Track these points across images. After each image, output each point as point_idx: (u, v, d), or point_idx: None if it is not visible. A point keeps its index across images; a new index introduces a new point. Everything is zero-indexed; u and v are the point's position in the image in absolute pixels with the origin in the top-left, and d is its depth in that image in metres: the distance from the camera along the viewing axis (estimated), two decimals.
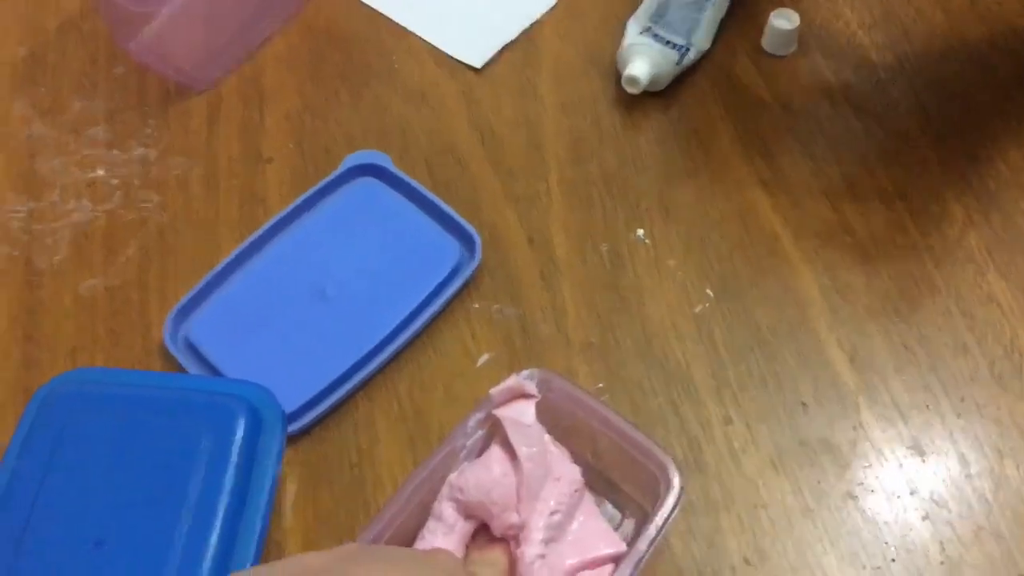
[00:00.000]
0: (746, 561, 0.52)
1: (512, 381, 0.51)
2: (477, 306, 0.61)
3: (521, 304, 0.61)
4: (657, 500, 0.48)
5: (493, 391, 0.51)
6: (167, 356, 0.59)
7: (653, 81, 0.68)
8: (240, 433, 0.50)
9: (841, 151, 0.66)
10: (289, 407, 0.56)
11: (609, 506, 0.53)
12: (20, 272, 0.64)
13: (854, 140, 0.67)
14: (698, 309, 0.61)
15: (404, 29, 0.74)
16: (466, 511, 0.49)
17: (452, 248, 0.62)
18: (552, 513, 0.48)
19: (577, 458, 0.51)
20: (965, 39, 0.71)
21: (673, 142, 0.68)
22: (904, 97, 0.68)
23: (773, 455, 0.56)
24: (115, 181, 0.68)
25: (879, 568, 0.52)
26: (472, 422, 0.51)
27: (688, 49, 0.68)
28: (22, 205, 0.67)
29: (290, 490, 0.55)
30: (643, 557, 0.47)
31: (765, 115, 0.68)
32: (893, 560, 0.52)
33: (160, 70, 0.72)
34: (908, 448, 0.56)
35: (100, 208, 0.66)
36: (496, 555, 0.48)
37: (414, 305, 0.60)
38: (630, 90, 0.68)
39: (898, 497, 0.54)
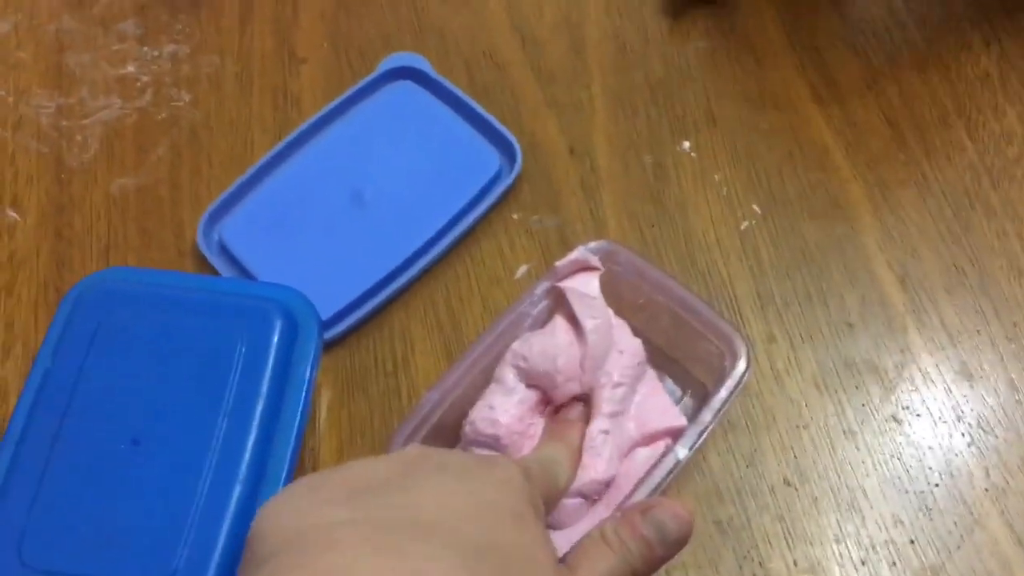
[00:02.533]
0: (786, 482, 0.52)
1: (577, 253, 0.50)
2: (516, 216, 0.60)
3: (561, 215, 0.60)
4: (720, 377, 0.48)
5: (558, 263, 0.50)
6: (200, 258, 0.58)
7: None
8: (276, 337, 0.49)
9: (899, 63, 0.63)
10: (324, 314, 0.55)
11: (670, 382, 0.53)
12: (50, 169, 0.63)
13: (913, 52, 0.64)
14: (744, 225, 0.59)
15: None
16: (528, 378, 0.49)
17: (491, 156, 0.60)
18: (616, 386, 0.48)
19: (639, 333, 0.50)
20: None
21: (722, 51, 0.65)
22: (967, 9, 0.65)
23: (817, 375, 0.54)
24: (146, 78, 0.66)
25: (922, 493, 0.51)
26: (539, 290, 0.50)
27: None
28: (51, 101, 0.65)
29: (325, 397, 0.55)
30: (707, 428, 0.46)
31: (821, 23, 0.65)
32: (936, 485, 0.51)
33: None
34: (956, 372, 0.54)
35: (131, 105, 0.65)
36: (573, 434, 0.47)
37: (452, 214, 0.58)
38: None
39: (944, 422, 0.53)
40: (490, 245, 0.59)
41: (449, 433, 0.49)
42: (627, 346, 0.49)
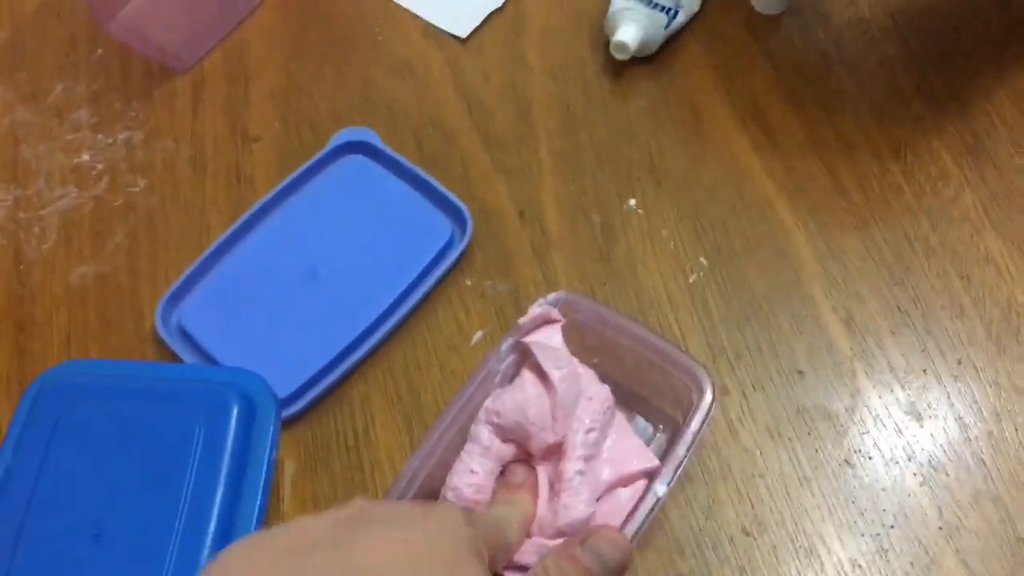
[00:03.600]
0: (744, 531, 0.52)
1: (537, 310, 0.52)
2: (469, 282, 0.61)
3: (514, 279, 0.61)
4: (688, 410, 0.49)
5: (521, 320, 0.52)
6: (160, 342, 0.59)
7: (642, 46, 0.66)
8: (234, 421, 0.50)
9: (834, 111, 0.65)
10: (284, 391, 0.56)
11: (641, 420, 0.54)
12: (9, 261, 0.64)
13: (848, 100, 0.66)
14: (692, 279, 0.60)
15: (388, 0, 0.73)
16: (503, 434, 0.50)
17: (443, 225, 0.62)
18: (588, 431, 0.49)
19: (606, 376, 0.52)
20: None
21: (664, 108, 0.67)
22: (898, 54, 0.67)
23: (770, 424, 0.55)
24: (101, 166, 0.67)
25: (877, 535, 0.52)
26: (504, 347, 0.52)
27: (676, 11, 0.67)
28: (8, 193, 0.66)
29: (288, 473, 0.55)
30: (682, 463, 0.48)
31: (757, 77, 0.67)
32: (892, 527, 0.52)
33: (142, 50, 0.71)
34: (905, 413, 0.55)
35: (87, 193, 0.66)
36: (521, 497, 0.48)
37: (406, 284, 0.59)
38: (618, 56, 0.67)
39: (896, 463, 0.54)
40: (445, 313, 0.60)
41: (432, 499, 0.50)
42: (595, 392, 0.51)
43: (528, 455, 0.51)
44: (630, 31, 0.66)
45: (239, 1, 0.73)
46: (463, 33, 0.71)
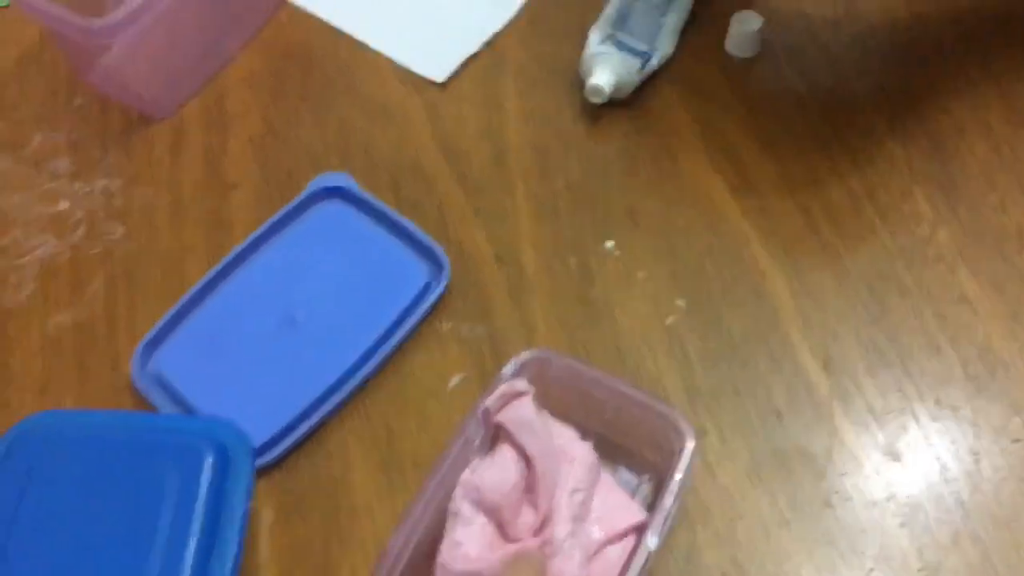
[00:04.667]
0: (723, 575, 0.52)
1: (503, 387, 0.51)
2: (447, 326, 0.61)
3: (491, 322, 0.61)
4: (671, 456, 0.50)
5: (488, 402, 0.51)
6: (137, 391, 0.59)
7: (617, 89, 0.67)
8: (207, 472, 0.49)
9: (808, 152, 0.66)
10: (261, 438, 0.55)
11: (625, 471, 0.54)
12: None
13: (821, 140, 0.66)
14: (669, 320, 0.60)
15: (365, 45, 0.74)
16: (483, 508, 0.49)
17: (420, 269, 0.62)
18: (574, 492, 0.49)
19: (586, 431, 0.52)
20: (931, 33, 0.71)
21: (639, 151, 0.67)
22: (870, 94, 0.68)
23: (749, 466, 0.55)
24: (79, 214, 0.67)
25: None
26: (479, 413, 0.51)
27: (651, 56, 0.68)
28: None
29: (265, 521, 0.55)
30: (670, 512, 0.48)
31: (731, 119, 0.68)
32: (872, 570, 0.52)
33: (121, 99, 0.71)
34: (884, 454, 0.55)
35: (64, 242, 0.66)
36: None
37: (383, 329, 0.59)
38: (594, 100, 0.67)
39: (875, 504, 0.54)
40: (422, 358, 0.60)
41: (420, 572, 0.49)
42: (577, 453, 0.51)
43: (503, 530, 0.50)
44: (604, 75, 0.66)
45: (217, 50, 0.73)
46: (440, 77, 0.71)
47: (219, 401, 0.57)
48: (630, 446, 0.54)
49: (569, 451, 0.51)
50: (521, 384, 0.51)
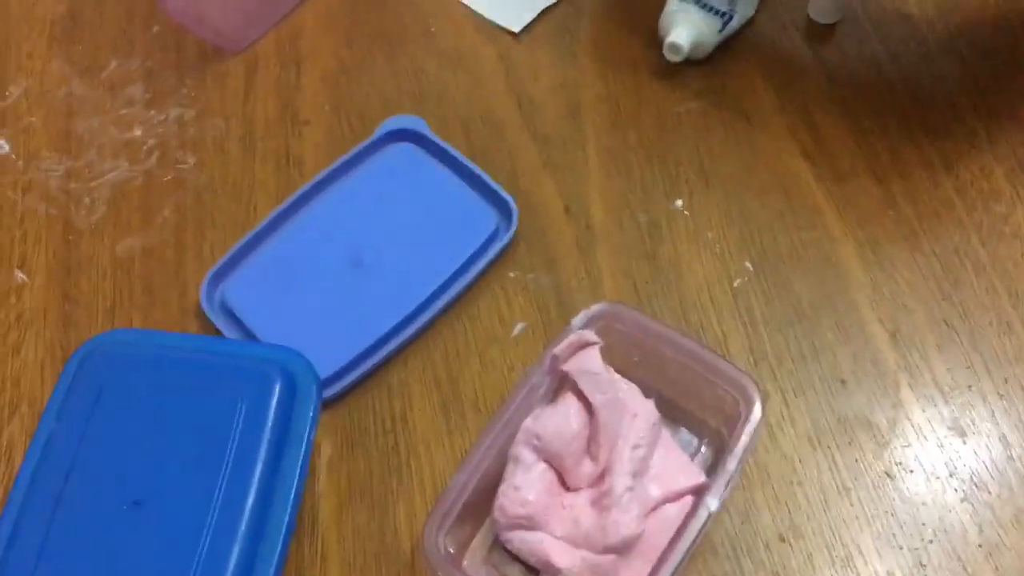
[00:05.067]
0: (780, 538, 0.52)
1: (572, 337, 0.51)
2: (513, 274, 0.61)
3: (557, 273, 0.61)
4: (734, 423, 0.49)
5: (556, 350, 0.50)
6: (203, 318, 0.59)
7: (695, 48, 0.66)
8: (275, 398, 0.50)
9: (887, 123, 0.65)
10: (324, 372, 0.56)
11: (686, 433, 0.54)
12: (58, 230, 0.64)
13: (901, 112, 0.65)
14: (737, 283, 0.60)
15: None
16: (544, 455, 0.50)
17: (488, 216, 0.62)
18: (635, 447, 0.49)
19: (649, 390, 0.52)
20: (1019, 10, 0.69)
21: (715, 112, 0.66)
22: (954, 68, 0.67)
23: (810, 431, 0.55)
24: (152, 141, 0.67)
25: (916, 549, 0.51)
26: (546, 361, 0.51)
27: (731, 16, 0.67)
28: (59, 163, 0.67)
29: (325, 454, 0.56)
30: (732, 476, 0.47)
31: (810, 85, 0.67)
32: (931, 542, 0.51)
33: (197, 31, 0.71)
34: (948, 428, 0.55)
35: (137, 168, 0.66)
36: None
37: (449, 273, 0.59)
38: (671, 58, 0.66)
39: (937, 478, 0.53)
40: (487, 303, 0.60)
41: (476, 512, 0.50)
42: (640, 409, 0.51)
43: (561, 478, 0.51)
44: (684, 33, 0.66)
45: None
46: (516, 27, 0.71)
47: (284, 334, 0.57)
48: (692, 408, 0.54)
49: (632, 406, 0.51)
50: (590, 335, 0.51)
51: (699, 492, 0.49)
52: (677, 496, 0.50)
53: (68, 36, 0.73)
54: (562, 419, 0.50)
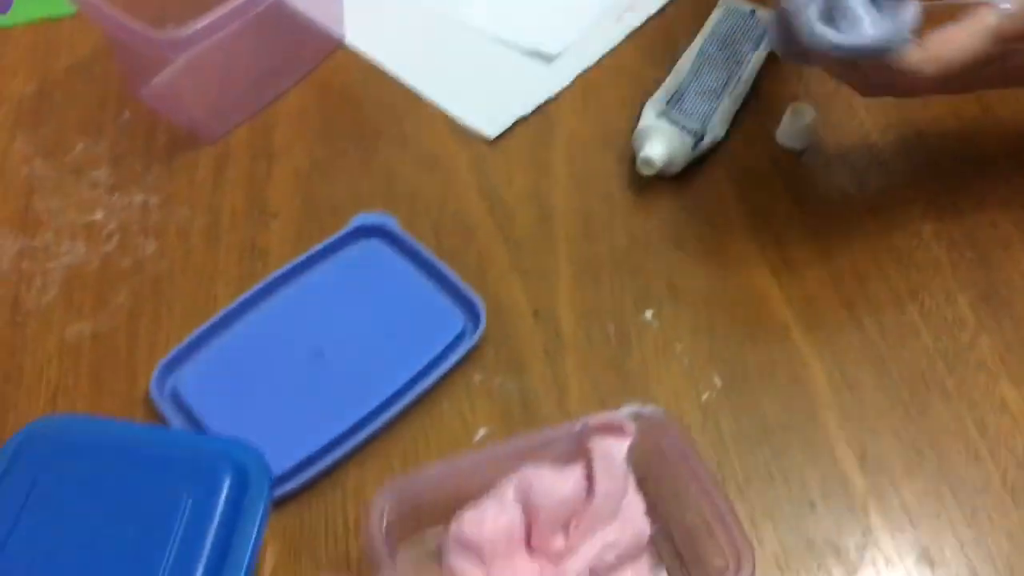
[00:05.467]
0: None
1: (611, 416, 0.49)
2: (478, 377, 0.59)
3: (523, 378, 0.59)
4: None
5: (591, 419, 0.49)
6: (151, 408, 0.57)
7: (668, 164, 0.67)
8: (224, 494, 0.47)
9: (854, 247, 0.66)
10: (276, 470, 0.53)
11: (664, 572, 0.51)
12: (6, 310, 0.62)
13: (867, 238, 0.66)
14: (705, 397, 0.59)
15: (419, 95, 0.74)
16: (525, 504, 0.48)
17: (455, 316, 0.61)
18: (608, 547, 0.47)
19: (656, 517, 0.50)
20: (978, 144, 0.71)
21: (685, 226, 0.67)
22: (918, 197, 0.68)
23: (779, 554, 0.53)
24: (113, 225, 0.66)
25: None
26: (577, 428, 0.50)
27: (703, 136, 0.68)
28: (15, 242, 0.65)
29: (270, 558, 0.52)
30: None
31: (778, 206, 0.68)
32: None
33: (171, 117, 0.71)
34: (917, 557, 0.53)
35: (95, 251, 0.65)
36: None
37: (413, 373, 0.58)
38: (644, 171, 0.67)
39: None
40: (451, 406, 0.58)
41: (430, 512, 0.49)
42: (634, 522, 0.49)
43: (528, 538, 0.49)
44: (658, 148, 0.66)
45: (270, 82, 0.73)
46: (492, 133, 0.71)
47: (237, 427, 0.54)
48: (687, 560, 0.51)
49: (629, 514, 0.49)
50: (629, 427, 0.50)
51: None
52: None
53: (34, 117, 0.72)
54: (560, 481, 0.48)
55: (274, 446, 0.53)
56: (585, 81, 0.75)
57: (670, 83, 0.71)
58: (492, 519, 0.48)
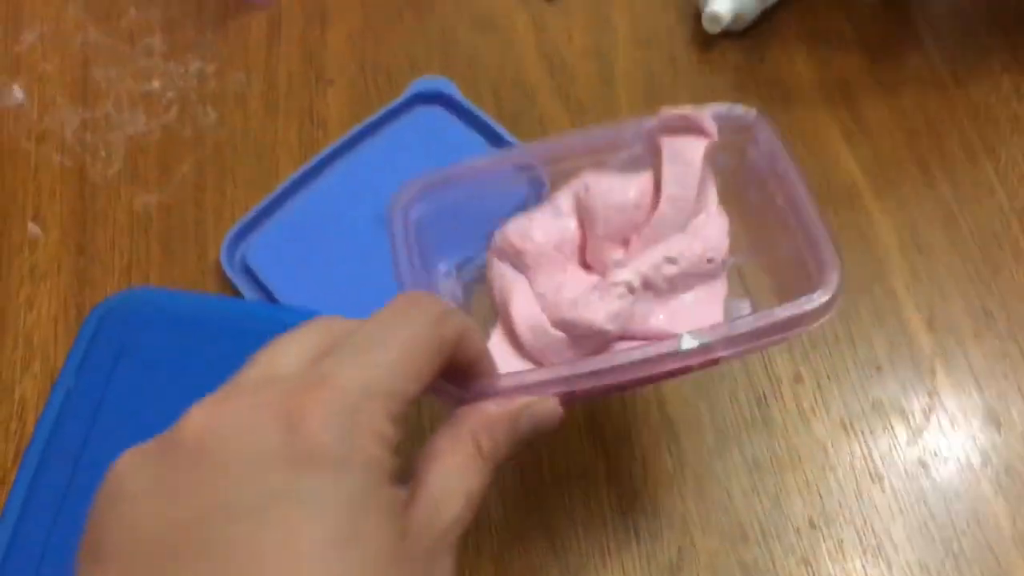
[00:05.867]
0: (811, 524, 0.51)
1: (689, 111, 0.41)
2: None
3: None
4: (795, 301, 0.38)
5: (663, 111, 0.41)
6: (222, 277, 0.58)
7: (735, 19, 0.64)
8: None
9: (928, 103, 0.63)
10: None
11: (746, 306, 0.42)
12: (75, 182, 0.62)
13: (943, 92, 0.64)
14: None
15: None
16: (581, 214, 0.42)
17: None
18: (669, 261, 0.40)
19: (736, 238, 0.42)
20: None
21: (751, 85, 0.65)
22: (1000, 51, 0.65)
23: (844, 416, 0.54)
24: (171, 94, 0.65)
25: (948, 540, 0.50)
26: (645, 127, 0.42)
27: None
28: (76, 114, 0.65)
29: None
30: (747, 333, 0.37)
31: (852, 62, 0.65)
32: (963, 533, 0.51)
33: None
34: (983, 418, 0.54)
35: (155, 121, 0.64)
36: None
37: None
38: (710, 28, 0.65)
39: (971, 468, 0.52)
40: None
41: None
42: (709, 236, 0.41)
43: (582, 248, 0.43)
44: (724, 3, 0.64)
45: None
46: None
47: (306, 296, 0.56)
48: (771, 287, 0.43)
49: (700, 227, 0.41)
50: (710, 125, 0.41)
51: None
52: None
53: None
54: (622, 187, 0.41)
55: (344, 313, 0.54)
56: None
57: None
58: (541, 228, 0.42)
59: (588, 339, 0.40)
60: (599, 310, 0.39)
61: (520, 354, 0.42)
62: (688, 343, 0.37)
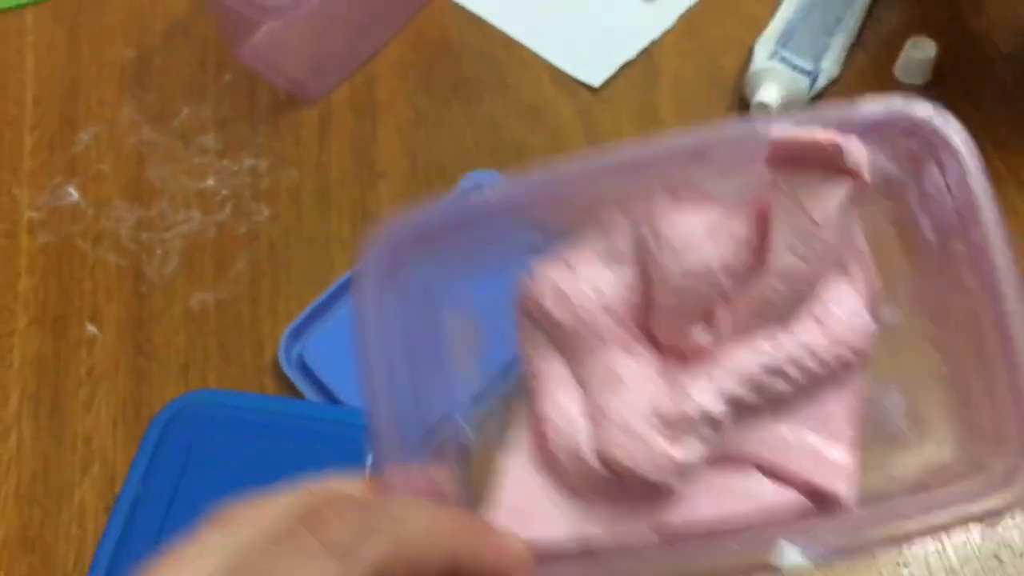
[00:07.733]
0: None
1: (819, 132, 0.27)
2: None
3: None
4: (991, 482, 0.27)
5: (776, 127, 0.28)
6: (280, 376, 0.58)
7: (783, 108, 0.65)
8: (369, 468, 0.48)
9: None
10: None
11: (898, 398, 0.30)
12: (130, 281, 0.63)
13: (996, 179, 0.63)
14: None
15: (518, 43, 0.72)
16: (642, 256, 0.29)
17: None
18: (772, 372, 0.28)
19: (894, 279, 0.30)
20: None
21: None
22: None
23: None
24: (225, 192, 0.66)
25: None
26: (759, 132, 0.28)
27: (816, 75, 0.66)
28: (131, 213, 0.66)
29: None
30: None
31: None
32: None
33: (270, 78, 0.71)
34: None
35: (210, 219, 0.65)
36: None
37: None
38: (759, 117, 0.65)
39: None
40: None
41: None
42: (838, 326, 0.28)
43: (645, 319, 0.30)
44: (773, 92, 0.64)
45: (369, 35, 0.72)
46: (596, 82, 0.69)
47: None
48: (924, 348, 0.31)
49: (829, 302, 0.28)
50: (858, 155, 0.27)
51: (823, 504, 0.28)
52: (782, 477, 0.29)
53: (138, 83, 0.72)
54: (703, 233, 0.28)
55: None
56: (688, 20, 0.72)
57: (779, 19, 0.69)
58: (588, 283, 0.29)
59: (643, 487, 0.29)
60: (662, 458, 0.28)
61: (552, 475, 0.31)
62: (791, 558, 0.26)
